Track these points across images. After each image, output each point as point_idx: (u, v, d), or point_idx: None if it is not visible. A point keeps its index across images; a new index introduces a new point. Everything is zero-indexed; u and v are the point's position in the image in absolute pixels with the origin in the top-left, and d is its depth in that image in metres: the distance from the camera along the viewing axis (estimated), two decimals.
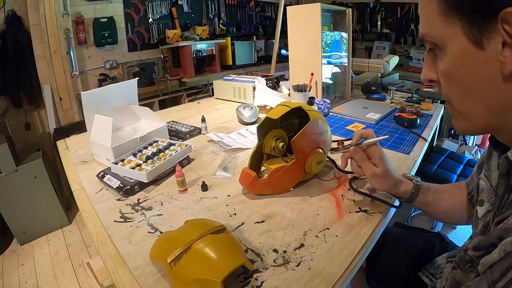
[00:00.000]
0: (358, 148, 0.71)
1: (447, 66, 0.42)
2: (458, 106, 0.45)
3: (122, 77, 2.97)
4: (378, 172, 0.69)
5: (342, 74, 1.77)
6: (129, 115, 1.25)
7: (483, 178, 0.60)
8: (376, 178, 0.70)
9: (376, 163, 0.70)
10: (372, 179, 0.70)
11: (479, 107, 0.42)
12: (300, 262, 0.60)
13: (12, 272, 1.87)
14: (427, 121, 1.41)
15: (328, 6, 1.52)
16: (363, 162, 0.70)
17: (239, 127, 1.39)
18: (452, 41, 0.40)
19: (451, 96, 0.45)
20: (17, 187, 1.99)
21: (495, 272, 0.37)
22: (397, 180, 0.72)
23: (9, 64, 2.25)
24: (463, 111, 0.45)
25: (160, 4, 3.17)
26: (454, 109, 0.46)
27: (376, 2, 4.01)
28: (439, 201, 0.75)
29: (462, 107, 0.44)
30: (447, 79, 0.44)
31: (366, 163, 0.70)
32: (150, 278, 0.57)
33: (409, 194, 0.73)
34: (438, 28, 0.41)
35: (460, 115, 0.46)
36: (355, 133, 0.73)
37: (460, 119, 0.46)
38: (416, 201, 0.73)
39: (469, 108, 0.43)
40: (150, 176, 0.88)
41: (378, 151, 0.71)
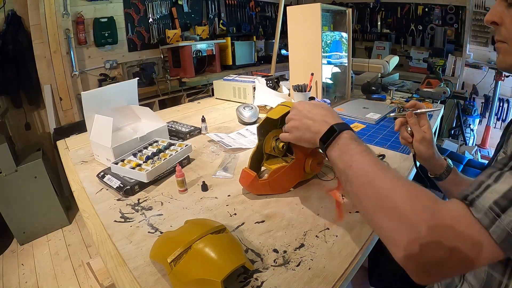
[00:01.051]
0: (413, 113, 0.77)
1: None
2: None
3: (122, 77, 2.97)
4: (427, 137, 0.76)
5: (342, 74, 1.77)
6: (129, 115, 1.25)
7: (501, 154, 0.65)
8: (425, 143, 0.76)
9: (426, 130, 0.77)
10: (421, 142, 0.76)
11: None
12: (300, 262, 0.60)
13: (12, 272, 1.87)
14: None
15: (328, 6, 1.52)
16: (415, 126, 0.77)
17: (239, 127, 1.39)
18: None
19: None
20: (17, 187, 1.99)
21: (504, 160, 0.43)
22: (438, 154, 0.79)
23: (9, 64, 2.25)
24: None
25: (160, 4, 3.17)
26: (508, 47, 0.55)
27: (376, 2, 4.01)
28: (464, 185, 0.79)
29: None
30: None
31: (418, 127, 0.77)
32: (150, 278, 0.57)
33: (443, 169, 0.80)
34: None
35: (510, 52, 0.55)
36: (410, 102, 0.80)
37: (509, 56, 0.55)
38: (447, 179, 0.80)
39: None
40: (150, 176, 0.88)
41: (427, 120, 0.78)
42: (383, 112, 1.50)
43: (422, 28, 3.70)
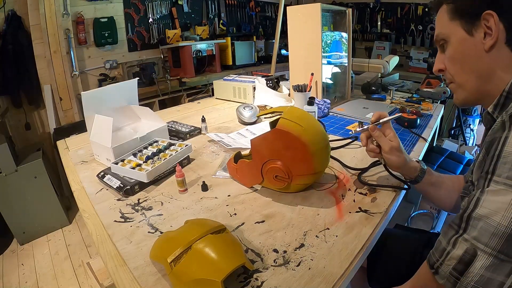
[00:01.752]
0: (376, 126, 0.79)
1: (451, 52, 0.63)
2: (458, 80, 0.64)
3: (122, 77, 2.97)
4: (395, 145, 0.76)
5: (342, 74, 1.77)
6: (129, 115, 1.25)
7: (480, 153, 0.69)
8: (394, 152, 0.76)
9: (392, 138, 0.77)
10: (390, 152, 0.76)
11: (472, 77, 0.61)
12: (300, 262, 0.60)
13: (12, 272, 1.87)
14: (427, 121, 1.41)
15: (328, 6, 1.52)
16: (381, 138, 0.78)
17: (239, 127, 1.39)
18: (454, 34, 0.61)
19: (453, 74, 0.64)
20: (17, 187, 1.99)
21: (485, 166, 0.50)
22: (408, 157, 0.80)
23: (9, 64, 2.25)
24: (462, 83, 0.63)
25: (160, 4, 3.17)
26: (456, 85, 0.65)
27: (376, 2, 4.01)
28: (441, 184, 0.83)
29: (461, 80, 0.63)
30: (451, 61, 0.63)
31: (383, 138, 0.78)
32: (150, 278, 0.57)
33: (417, 172, 0.80)
34: (446, 28, 0.62)
35: (459, 88, 0.65)
36: (374, 114, 0.81)
37: (459, 91, 0.65)
38: (422, 181, 0.81)
39: (466, 79, 0.62)
40: (150, 176, 0.88)
41: (391, 129, 0.79)
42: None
43: (422, 28, 3.70)
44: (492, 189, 0.46)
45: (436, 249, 0.54)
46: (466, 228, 0.49)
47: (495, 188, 0.46)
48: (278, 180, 0.79)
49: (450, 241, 0.50)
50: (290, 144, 0.76)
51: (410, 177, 0.82)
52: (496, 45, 0.56)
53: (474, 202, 0.49)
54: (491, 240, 0.44)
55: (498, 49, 0.56)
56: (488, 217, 0.45)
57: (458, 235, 0.50)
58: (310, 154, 0.76)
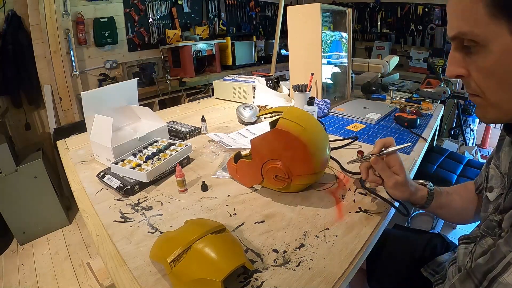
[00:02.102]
0: (379, 158, 0.69)
1: (489, 62, 0.45)
2: (492, 97, 0.48)
3: (122, 77, 2.97)
4: (400, 181, 0.68)
5: (342, 74, 1.77)
6: (129, 115, 1.25)
7: (493, 168, 0.63)
8: (398, 187, 0.68)
9: (397, 171, 0.68)
10: (394, 188, 0.68)
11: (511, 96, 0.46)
12: (300, 262, 0.60)
13: (12, 272, 1.87)
14: (427, 121, 1.41)
15: (328, 6, 1.52)
16: (384, 172, 0.68)
17: (239, 127, 1.39)
18: (497, 40, 0.42)
19: (485, 89, 0.48)
20: (17, 187, 1.99)
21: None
22: (415, 187, 0.72)
23: (9, 64, 2.25)
24: (498, 102, 0.48)
25: (160, 4, 3.17)
26: (486, 100, 0.49)
27: (376, 2, 4.01)
28: (451, 203, 0.77)
29: (497, 99, 0.47)
30: (485, 74, 0.46)
31: (388, 172, 0.68)
32: (150, 278, 0.57)
33: (425, 199, 0.73)
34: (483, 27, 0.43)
35: (491, 106, 0.49)
36: (376, 143, 0.71)
37: (489, 109, 0.50)
38: (431, 205, 0.74)
39: (502, 98, 0.47)
40: (150, 176, 0.88)
41: (398, 159, 0.69)
42: (383, 112, 1.50)
43: (422, 28, 3.70)
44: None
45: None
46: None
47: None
48: (278, 180, 0.79)
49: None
50: (290, 144, 0.76)
51: (417, 205, 0.76)
52: None
53: (504, 266, 0.43)
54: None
55: None
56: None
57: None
58: (310, 154, 0.76)
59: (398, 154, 0.70)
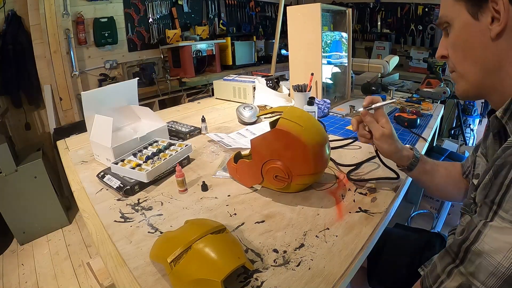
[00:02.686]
0: (368, 111, 0.75)
1: (454, 37, 0.55)
2: (460, 69, 0.57)
3: (122, 77, 2.97)
4: (386, 132, 0.73)
5: (342, 74, 1.77)
6: (129, 115, 1.25)
7: (479, 156, 0.66)
8: (385, 139, 0.73)
9: (384, 125, 0.74)
10: (381, 139, 0.73)
11: (475, 67, 0.54)
12: (300, 262, 0.60)
13: (12, 272, 1.87)
14: (427, 121, 1.41)
15: (328, 6, 1.52)
16: (372, 124, 0.74)
17: (239, 127, 1.39)
18: (458, 17, 0.53)
19: (456, 63, 0.57)
20: (17, 187, 1.99)
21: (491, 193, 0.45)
22: (401, 144, 0.77)
23: (9, 64, 2.25)
24: (463, 73, 0.56)
25: (160, 4, 3.17)
26: (457, 74, 0.58)
27: (376, 2, 4.01)
28: (435, 173, 0.80)
29: (462, 69, 0.56)
30: (453, 48, 0.56)
31: (375, 124, 0.74)
32: (150, 278, 0.57)
33: (411, 159, 0.77)
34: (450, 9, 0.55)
35: (461, 78, 0.57)
36: (366, 98, 0.76)
37: (460, 82, 0.58)
38: (415, 169, 0.78)
39: (468, 69, 0.55)
40: (150, 176, 0.88)
41: (384, 115, 0.75)
42: None
43: (422, 28, 3.70)
44: (497, 225, 0.42)
45: (430, 273, 0.52)
46: (463, 260, 0.46)
47: (499, 224, 0.42)
48: (278, 180, 0.79)
49: (446, 269, 0.49)
50: (290, 144, 0.76)
51: (402, 165, 0.79)
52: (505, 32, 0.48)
53: (475, 234, 0.45)
54: (489, 279, 0.42)
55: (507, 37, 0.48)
56: (489, 255, 0.42)
57: (454, 265, 0.47)
58: (310, 154, 0.76)
59: (384, 111, 0.75)
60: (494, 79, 0.53)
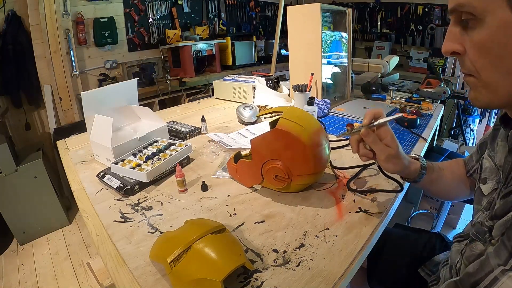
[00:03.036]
0: (370, 130, 0.65)
1: (484, 37, 0.42)
2: (486, 78, 0.45)
3: (122, 77, 2.97)
4: (392, 153, 0.64)
5: (342, 74, 1.77)
6: (129, 115, 1.25)
7: (487, 158, 0.62)
8: (391, 159, 0.65)
9: (389, 143, 0.65)
10: (386, 161, 0.65)
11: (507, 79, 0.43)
12: (300, 262, 0.60)
13: (12, 272, 1.87)
14: (427, 121, 1.41)
15: (328, 6, 1.52)
16: (376, 144, 0.65)
17: (239, 127, 1.39)
18: (495, 13, 0.40)
19: (480, 68, 0.45)
20: (17, 187, 1.99)
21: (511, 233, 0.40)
22: (408, 161, 0.70)
23: (9, 64, 2.25)
24: (491, 83, 0.45)
25: (160, 4, 3.17)
26: (480, 81, 0.46)
27: (376, 2, 4.01)
28: (441, 178, 0.77)
29: (490, 79, 0.44)
30: (480, 50, 0.44)
31: (379, 145, 0.65)
32: (150, 278, 0.57)
33: (418, 173, 0.72)
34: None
35: (484, 87, 0.46)
36: (366, 113, 0.66)
37: (483, 91, 0.46)
38: (422, 180, 0.74)
39: (497, 79, 0.44)
40: (150, 176, 0.88)
41: (389, 131, 0.66)
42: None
43: (422, 28, 3.70)
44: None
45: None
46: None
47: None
48: (278, 180, 0.79)
49: None
50: (290, 144, 0.76)
51: (409, 178, 0.74)
52: None
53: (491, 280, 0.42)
54: None
55: None
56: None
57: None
58: (310, 154, 0.76)
59: (388, 126, 0.66)
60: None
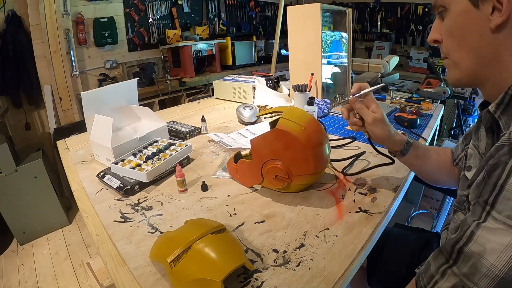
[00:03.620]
0: (357, 98, 0.74)
1: (450, 22, 0.53)
2: (454, 57, 0.55)
3: (122, 77, 2.97)
4: (378, 117, 0.72)
5: (342, 74, 1.77)
6: (129, 115, 1.25)
7: (471, 147, 0.65)
8: (377, 123, 0.72)
9: (374, 110, 0.73)
10: (373, 124, 0.72)
11: (470, 56, 0.52)
12: (300, 262, 0.60)
13: (12, 272, 1.87)
14: (427, 121, 1.41)
15: (328, 6, 1.52)
16: (363, 110, 0.73)
17: (239, 127, 1.39)
18: (456, 2, 0.51)
19: (450, 50, 0.55)
20: (17, 187, 1.99)
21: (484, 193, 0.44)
22: (393, 129, 0.76)
23: (9, 64, 2.25)
24: (457, 61, 0.55)
25: (160, 4, 3.17)
26: (450, 61, 0.56)
27: (376, 2, 4.01)
28: (427, 158, 0.80)
29: (456, 57, 0.55)
30: (448, 34, 0.54)
31: (366, 110, 0.73)
32: (150, 278, 0.57)
33: (403, 143, 0.77)
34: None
35: (453, 66, 0.56)
36: (354, 85, 0.76)
37: (453, 70, 0.57)
38: (408, 154, 0.77)
39: (462, 57, 0.54)
40: (150, 176, 0.88)
41: (373, 100, 0.75)
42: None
43: (422, 28, 3.71)
44: (490, 226, 0.42)
45: (425, 272, 0.52)
46: (457, 260, 0.46)
47: (493, 225, 0.41)
48: (278, 180, 0.79)
49: (439, 269, 0.48)
50: (290, 144, 0.76)
51: (395, 150, 0.78)
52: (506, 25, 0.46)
53: (468, 235, 0.44)
54: (482, 280, 0.42)
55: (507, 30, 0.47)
56: (482, 256, 0.42)
57: (447, 266, 0.47)
58: (310, 154, 0.76)
59: (373, 96, 0.76)
60: (489, 70, 0.51)
